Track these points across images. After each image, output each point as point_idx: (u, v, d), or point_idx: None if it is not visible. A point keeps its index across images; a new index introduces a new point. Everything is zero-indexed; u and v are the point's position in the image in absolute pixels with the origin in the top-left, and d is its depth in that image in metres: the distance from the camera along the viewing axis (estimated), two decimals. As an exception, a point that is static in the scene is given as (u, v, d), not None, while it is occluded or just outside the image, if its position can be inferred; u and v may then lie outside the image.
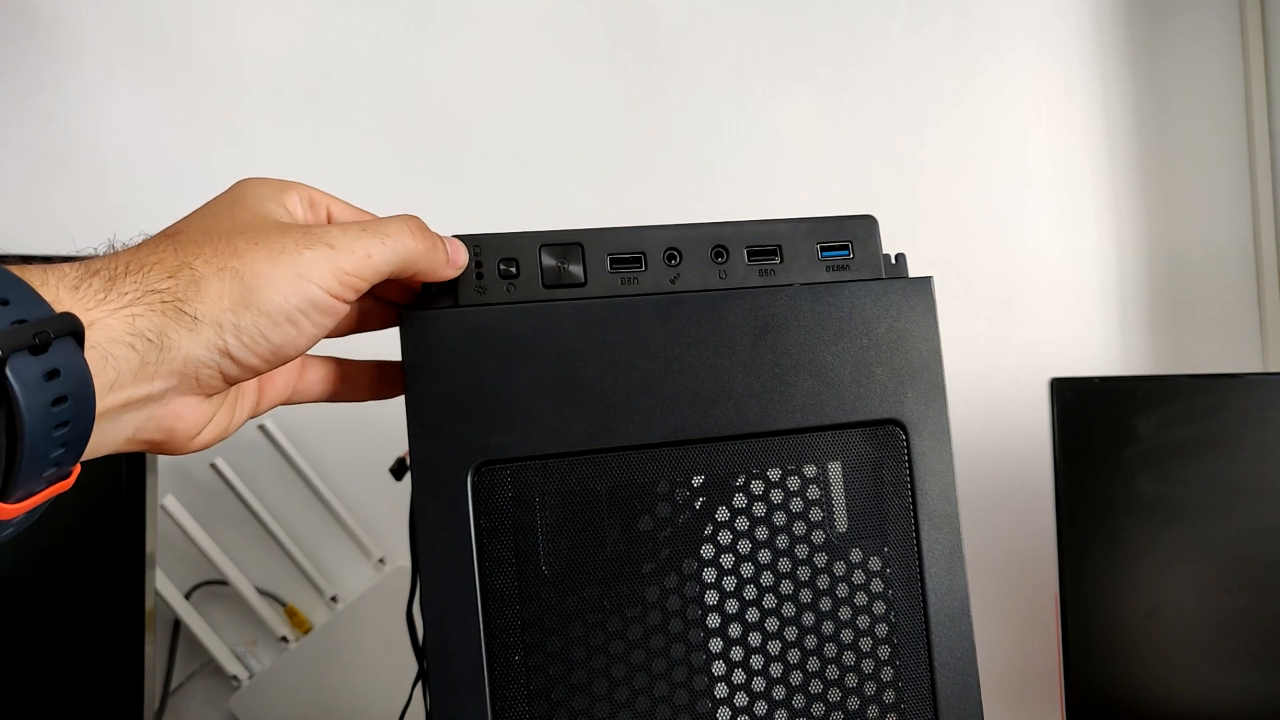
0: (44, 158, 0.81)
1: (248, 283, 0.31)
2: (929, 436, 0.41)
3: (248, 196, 0.35)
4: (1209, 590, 0.72)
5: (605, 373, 0.38)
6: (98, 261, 0.30)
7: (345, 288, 0.33)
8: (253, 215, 0.34)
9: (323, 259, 0.32)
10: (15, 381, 0.25)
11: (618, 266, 0.40)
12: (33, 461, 0.26)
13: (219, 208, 0.34)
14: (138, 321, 0.29)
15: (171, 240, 0.32)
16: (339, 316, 0.33)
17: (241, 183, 0.36)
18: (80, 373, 0.27)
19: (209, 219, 0.33)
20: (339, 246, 0.33)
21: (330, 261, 0.32)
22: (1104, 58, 1.02)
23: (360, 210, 0.38)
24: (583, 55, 0.92)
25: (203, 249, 0.31)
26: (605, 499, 0.38)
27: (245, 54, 0.85)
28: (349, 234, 0.33)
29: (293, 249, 0.32)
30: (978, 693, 0.41)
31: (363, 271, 0.33)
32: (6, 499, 0.26)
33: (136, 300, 0.29)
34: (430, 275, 0.36)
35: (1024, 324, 0.98)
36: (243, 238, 0.32)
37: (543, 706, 0.37)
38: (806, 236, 0.42)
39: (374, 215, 0.38)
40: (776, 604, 0.39)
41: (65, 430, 0.27)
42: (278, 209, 0.34)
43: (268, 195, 0.35)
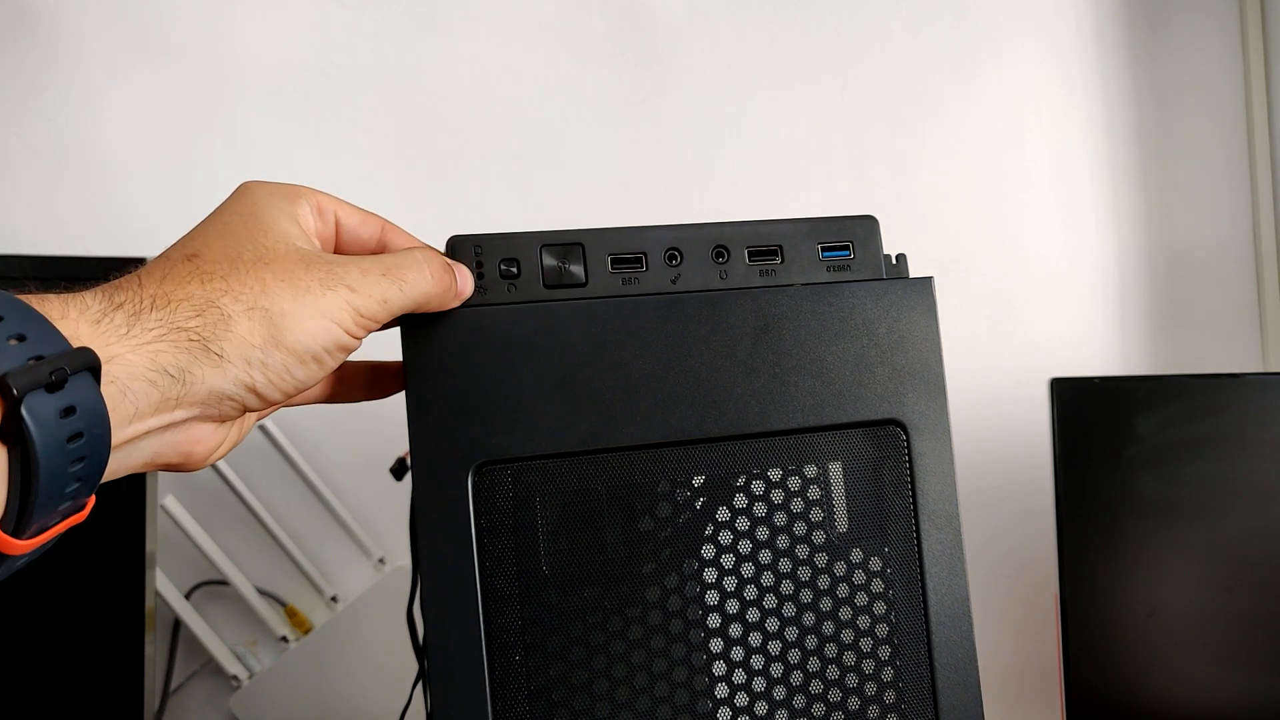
0: (44, 158, 0.81)
1: (276, 322, 0.31)
2: (929, 436, 0.41)
3: (261, 211, 0.34)
4: (1209, 590, 0.72)
5: (606, 373, 0.38)
6: (122, 291, 0.30)
7: (360, 328, 0.34)
8: (273, 239, 0.33)
9: (343, 302, 0.33)
10: (31, 420, 0.25)
11: (618, 266, 0.40)
12: (48, 497, 0.26)
13: (236, 223, 0.34)
14: (161, 358, 0.29)
15: (196, 268, 0.32)
16: (352, 351, 0.34)
17: (250, 190, 0.35)
18: (97, 409, 0.27)
19: (230, 240, 0.33)
20: (359, 290, 0.33)
21: (350, 305, 0.33)
22: (1104, 58, 1.02)
23: (365, 213, 0.38)
24: (583, 55, 0.92)
25: (230, 284, 0.31)
26: (606, 499, 0.38)
27: (245, 54, 0.85)
28: (369, 277, 0.34)
29: (317, 289, 0.32)
30: (978, 693, 0.41)
31: (378, 315, 0.34)
32: (21, 535, 0.27)
33: (161, 337, 0.29)
34: (437, 309, 0.37)
35: (1024, 324, 0.98)
36: (270, 272, 0.32)
37: (543, 706, 0.37)
38: (807, 237, 0.42)
39: (382, 221, 0.38)
40: (777, 604, 0.39)
41: (80, 465, 0.27)
42: (293, 227, 0.34)
43: (281, 209, 0.35)
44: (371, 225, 0.38)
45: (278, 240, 0.33)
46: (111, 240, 0.80)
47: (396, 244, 0.38)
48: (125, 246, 0.78)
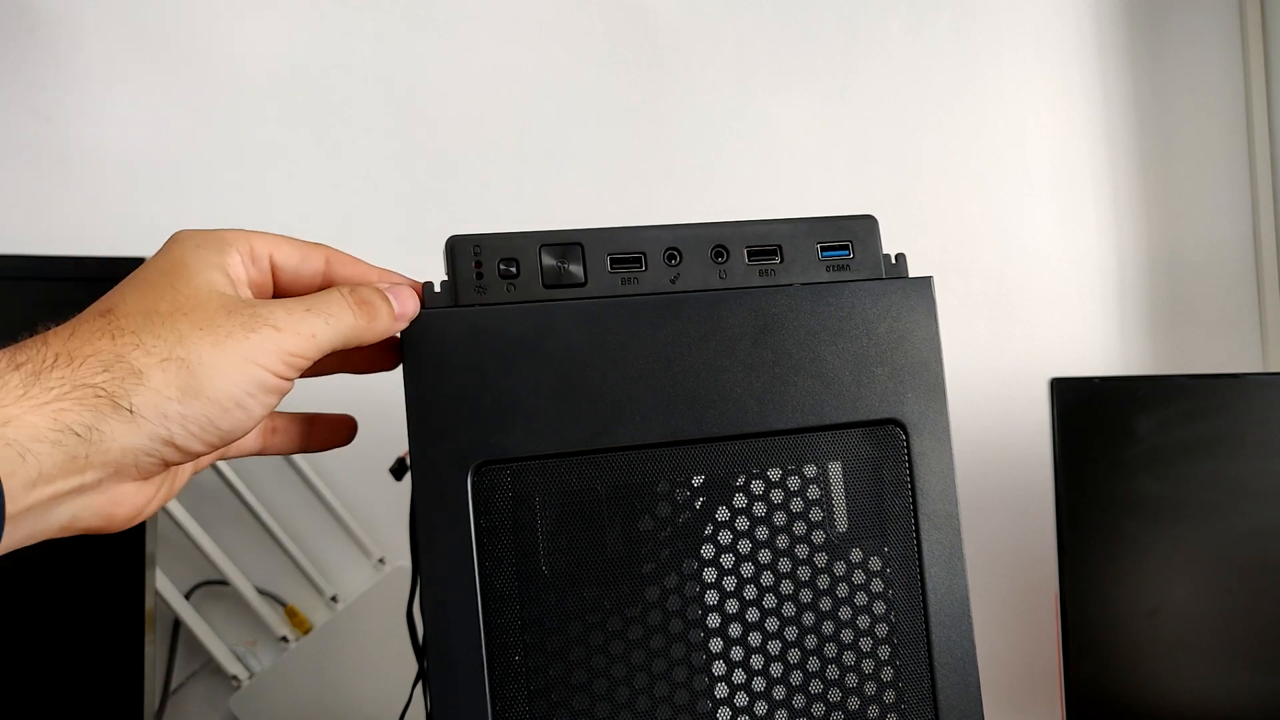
0: (44, 158, 0.81)
1: (194, 371, 0.30)
2: (929, 436, 0.41)
3: (187, 264, 0.33)
4: (1209, 590, 0.72)
5: (605, 373, 0.38)
6: (24, 351, 0.29)
7: (289, 368, 0.33)
8: (194, 289, 0.32)
9: (268, 341, 0.32)
10: None
11: (618, 266, 0.40)
12: None
13: (156, 277, 0.33)
14: (64, 416, 0.28)
15: (108, 324, 0.30)
16: (285, 394, 0.34)
17: (177, 242, 0.34)
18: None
19: (148, 294, 0.32)
20: (285, 329, 0.32)
21: (275, 344, 0.32)
22: (1104, 58, 1.02)
23: (306, 248, 0.37)
24: (583, 56, 0.91)
25: (143, 337, 0.30)
26: (605, 499, 0.38)
27: (245, 54, 0.85)
28: (294, 315, 0.33)
29: (240, 333, 0.31)
30: (978, 693, 0.41)
31: (306, 351, 0.33)
32: None
33: (64, 395, 0.28)
34: (375, 341, 0.36)
35: (1024, 324, 0.98)
36: (186, 320, 0.31)
37: (543, 706, 0.37)
38: (807, 236, 0.42)
39: (326, 253, 0.37)
40: (777, 604, 0.39)
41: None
42: (220, 277, 0.33)
43: (208, 261, 0.33)
44: (314, 261, 0.37)
45: (198, 289, 0.32)
46: (111, 240, 0.80)
47: (345, 275, 0.37)
48: (125, 246, 0.78)
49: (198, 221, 0.83)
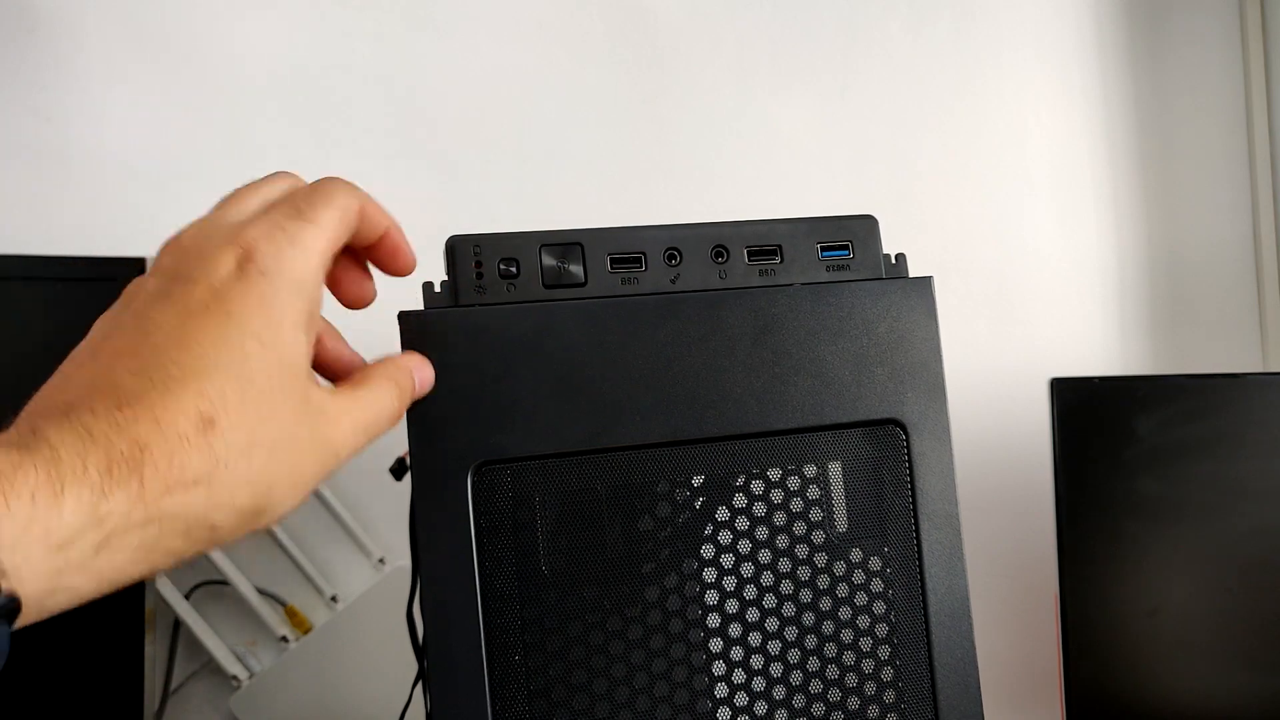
0: (44, 158, 0.81)
1: (261, 514, 0.29)
2: (929, 436, 0.41)
3: (285, 345, 0.30)
4: (1209, 590, 0.72)
5: (605, 373, 0.38)
6: (110, 498, 0.24)
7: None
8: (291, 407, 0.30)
9: (324, 473, 0.31)
10: None
11: (618, 266, 0.40)
12: None
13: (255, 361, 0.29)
14: (122, 575, 0.26)
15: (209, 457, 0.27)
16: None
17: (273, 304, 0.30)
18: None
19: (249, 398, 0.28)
20: (343, 455, 0.32)
21: (327, 472, 0.32)
22: (1104, 58, 1.02)
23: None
24: (583, 56, 0.91)
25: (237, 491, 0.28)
26: (605, 499, 0.38)
27: (245, 54, 0.85)
28: (354, 439, 0.32)
29: (314, 470, 0.31)
30: (978, 692, 0.41)
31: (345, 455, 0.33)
32: None
33: (135, 561, 0.26)
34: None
35: (1024, 324, 0.98)
36: (278, 462, 0.29)
37: (543, 706, 0.37)
38: (807, 236, 0.42)
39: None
40: (777, 604, 0.39)
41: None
42: (305, 355, 0.31)
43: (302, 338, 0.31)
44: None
45: (291, 397, 0.30)
46: (111, 240, 0.80)
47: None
48: (125, 246, 0.78)
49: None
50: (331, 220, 0.32)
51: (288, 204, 0.32)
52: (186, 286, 0.29)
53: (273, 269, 0.30)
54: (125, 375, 0.27)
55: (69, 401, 0.26)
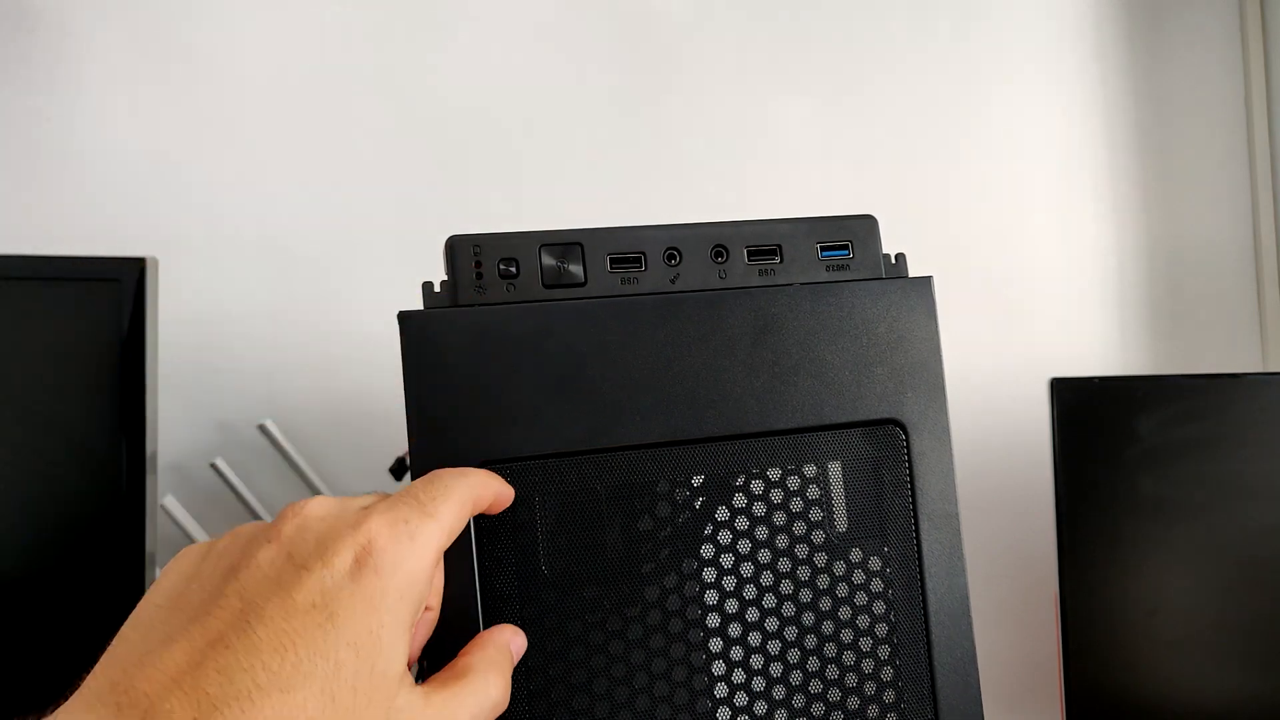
0: (43, 157, 0.81)
1: None
2: (929, 436, 0.41)
3: (383, 646, 0.29)
4: (1210, 590, 0.72)
5: (605, 373, 0.38)
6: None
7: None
8: (382, 694, 0.28)
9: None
10: None
11: (617, 266, 0.40)
12: None
13: (349, 658, 0.28)
14: None
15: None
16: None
17: (380, 594, 0.29)
18: None
19: (334, 689, 0.27)
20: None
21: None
22: (1104, 58, 1.02)
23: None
24: (583, 57, 0.92)
25: None
26: (605, 499, 0.38)
27: (245, 54, 0.85)
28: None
29: None
30: (978, 692, 0.41)
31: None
32: None
33: None
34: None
35: (1024, 324, 0.98)
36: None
37: (542, 706, 0.37)
38: (806, 236, 0.42)
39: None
40: (776, 604, 0.39)
41: None
42: (402, 664, 0.30)
43: (400, 636, 0.30)
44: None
45: (379, 710, 0.28)
46: (111, 240, 0.80)
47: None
48: (125, 246, 0.78)
49: (196, 221, 0.83)
50: (450, 515, 0.32)
51: (410, 496, 0.32)
52: (299, 574, 0.29)
53: (386, 569, 0.29)
54: (212, 674, 0.26)
55: (150, 696, 0.26)
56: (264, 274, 0.85)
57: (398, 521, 0.30)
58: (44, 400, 0.64)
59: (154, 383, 0.67)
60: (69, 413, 0.65)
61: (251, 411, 0.83)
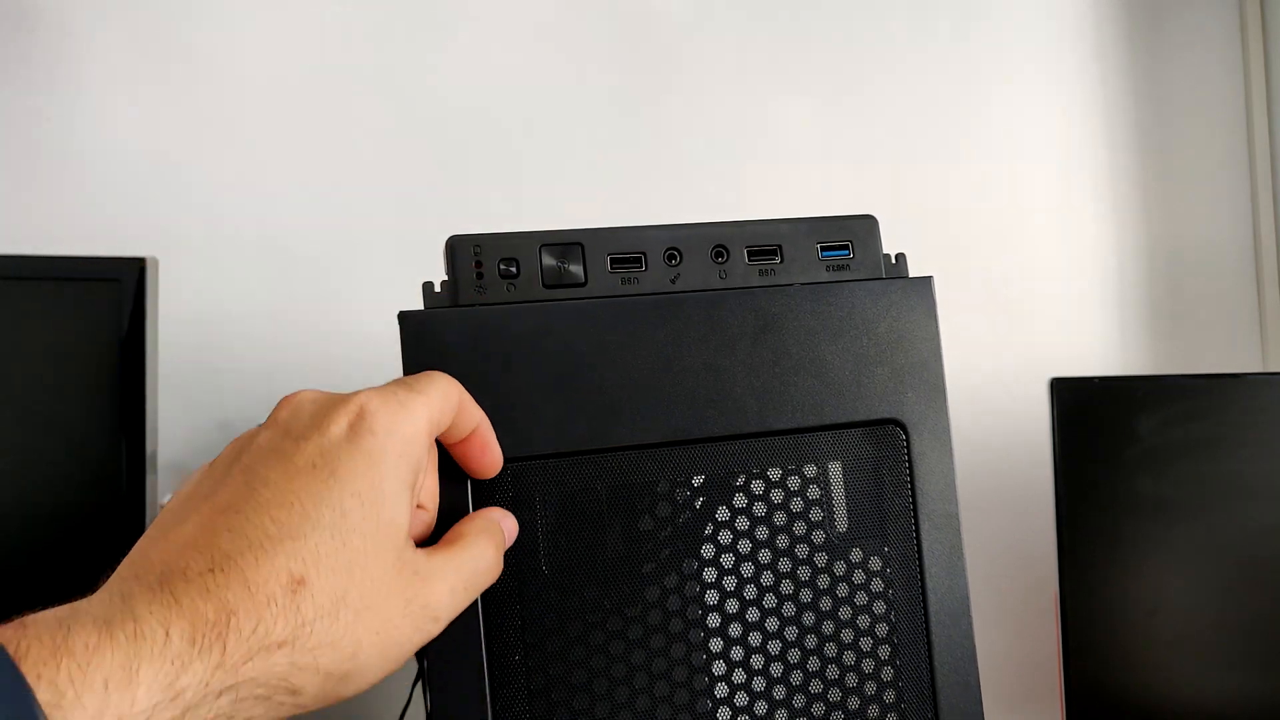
0: (42, 157, 0.81)
1: (351, 677, 0.28)
2: (929, 436, 0.41)
3: (385, 495, 0.30)
4: (1210, 590, 0.72)
5: (605, 373, 0.38)
6: (190, 670, 0.24)
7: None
8: (384, 562, 0.29)
9: (420, 640, 0.31)
10: None
11: (618, 266, 0.40)
12: None
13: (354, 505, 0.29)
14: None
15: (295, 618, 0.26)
16: None
17: (375, 435, 0.30)
18: None
19: (342, 556, 0.28)
20: (442, 619, 0.31)
21: (426, 637, 0.31)
22: (1104, 58, 1.02)
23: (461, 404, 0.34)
24: (583, 57, 0.92)
25: (321, 654, 0.27)
26: (605, 499, 0.38)
27: (245, 54, 0.85)
28: (454, 601, 0.32)
29: (407, 635, 0.30)
30: (978, 692, 0.41)
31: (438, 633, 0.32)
32: None
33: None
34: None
35: (1024, 324, 0.98)
36: (369, 624, 0.28)
37: (543, 706, 0.37)
38: (807, 236, 0.42)
39: (458, 397, 0.34)
40: (777, 604, 0.39)
41: None
42: (405, 519, 0.30)
43: (404, 488, 0.30)
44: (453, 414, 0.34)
45: (387, 559, 0.29)
46: (111, 240, 0.80)
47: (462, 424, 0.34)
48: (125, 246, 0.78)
49: (196, 221, 0.83)
50: (437, 396, 0.33)
51: (397, 381, 0.33)
52: (297, 444, 0.30)
53: (382, 430, 0.30)
54: (223, 533, 0.27)
55: (166, 562, 0.27)
56: (264, 274, 0.85)
57: (387, 393, 0.32)
58: (44, 400, 0.64)
59: (154, 383, 0.67)
60: (69, 413, 0.65)
61: (251, 411, 0.83)
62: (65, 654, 0.23)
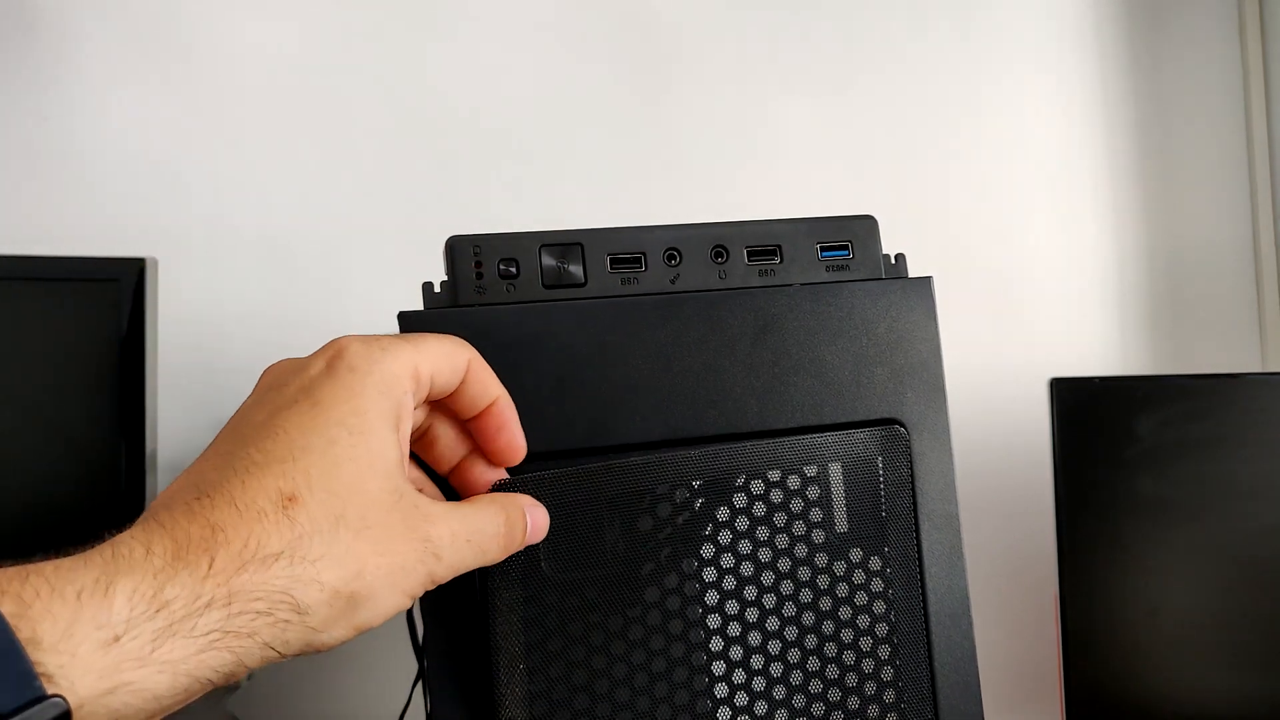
0: (44, 158, 0.81)
1: (358, 605, 0.27)
2: (929, 436, 0.41)
3: (371, 423, 0.29)
4: (1210, 590, 0.72)
5: (605, 373, 0.38)
6: (177, 582, 0.23)
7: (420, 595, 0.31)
8: (379, 484, 0.28)
9: (426, 573, 0.30)
10: None
11: (618, 267, 0.40)
12: None
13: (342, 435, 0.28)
14: (200, 669, 0.24)
15: (291, 534, 0.26)
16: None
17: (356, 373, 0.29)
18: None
19: (335, 479, 0.27)
20: (444, 558, 0.30)
21: (429, 574, 0.30)
22: (1104, 57, 1.02)
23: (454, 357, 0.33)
24: (583, 56, 0.91)
25: (322, 568, 0.26)
26: (606, 499, 0.38)
27: (244, 53, 0.85)
28: (457, 547, 0.31)
29: (409, 564, 0.29)
30: (978, 692, 0.41)
31: (445, 580, 0.31)
32: None
33: (208, 647, 0.24)
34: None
35: (1023, 324, 0.98)
36: (369, 542, 0.27)
37: (543, 707, 0.37)
38: (806, 236, 0.42)
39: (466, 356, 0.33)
40: (777, 604, 0.39)
41: None
42: (395, 449, 0.30)
43: (389, 417, 0.30)
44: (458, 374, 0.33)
45: (383, 484, 0.29)
46: (111, 240, 0.80)
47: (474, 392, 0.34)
48: (125, 246, 0.78)
49: (196, 224, 0.83)
50: (432, 350, 0.32)
51: (392, 334, 0.33)
52: (280, 390, 0.30)
53: (361, 367, 0.30)
54: (209, 470, 0.27)
55: (153, 508, 0.27)
56: (264, 274, 0.85)
57: (371, 338, 0.31)
58: (43, 400, 0.64)
59: (154, 383, 0.67)
60: (68, 413, 0.65)
61: (251, 411, 0.83)
62: (34, 574, 0.23)
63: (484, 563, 0.32)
